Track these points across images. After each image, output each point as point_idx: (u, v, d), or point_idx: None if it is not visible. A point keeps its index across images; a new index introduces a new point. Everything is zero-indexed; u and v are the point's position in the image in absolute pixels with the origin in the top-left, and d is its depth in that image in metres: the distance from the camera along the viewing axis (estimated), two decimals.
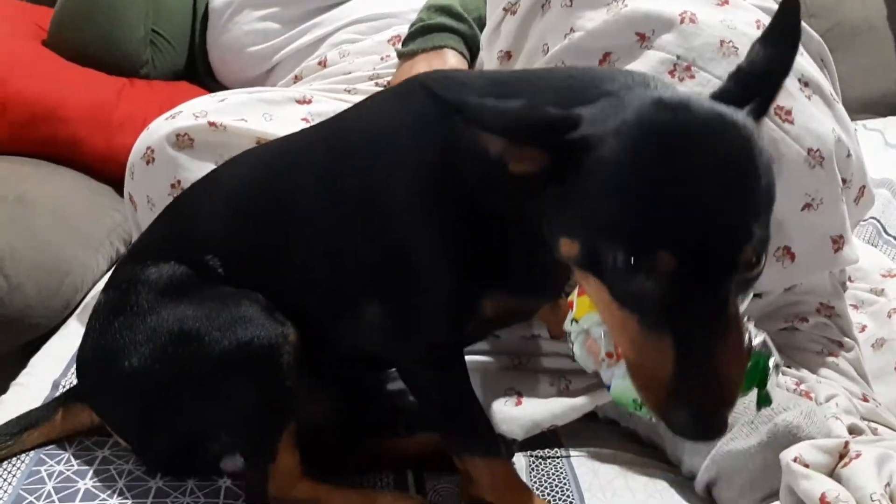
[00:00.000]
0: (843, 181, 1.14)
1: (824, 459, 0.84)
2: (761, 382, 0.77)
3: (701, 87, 1.06)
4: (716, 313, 0.64)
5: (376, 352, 0.94)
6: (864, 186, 1.19)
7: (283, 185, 0.94)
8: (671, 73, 1.07)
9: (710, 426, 0.64)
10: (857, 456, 0.84)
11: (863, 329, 1.30)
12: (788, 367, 1.07)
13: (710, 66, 1.06)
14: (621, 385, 0.73)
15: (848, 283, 1.41)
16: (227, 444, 0.94)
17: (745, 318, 0.71)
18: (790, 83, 1.09)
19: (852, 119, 2.25)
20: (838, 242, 1.10)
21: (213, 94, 1.37)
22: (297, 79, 1.80)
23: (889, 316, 1.29)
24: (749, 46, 1.05)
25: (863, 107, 2.42)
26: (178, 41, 2.07)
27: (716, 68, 1.06)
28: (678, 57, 1.07)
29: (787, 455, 0.84)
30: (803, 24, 1.20)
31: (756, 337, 0.75)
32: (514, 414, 1.07)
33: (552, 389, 1.12)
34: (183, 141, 1.23)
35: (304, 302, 0.92)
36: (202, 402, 0.90)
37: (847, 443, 0.87)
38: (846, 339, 1.13)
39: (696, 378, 0.63)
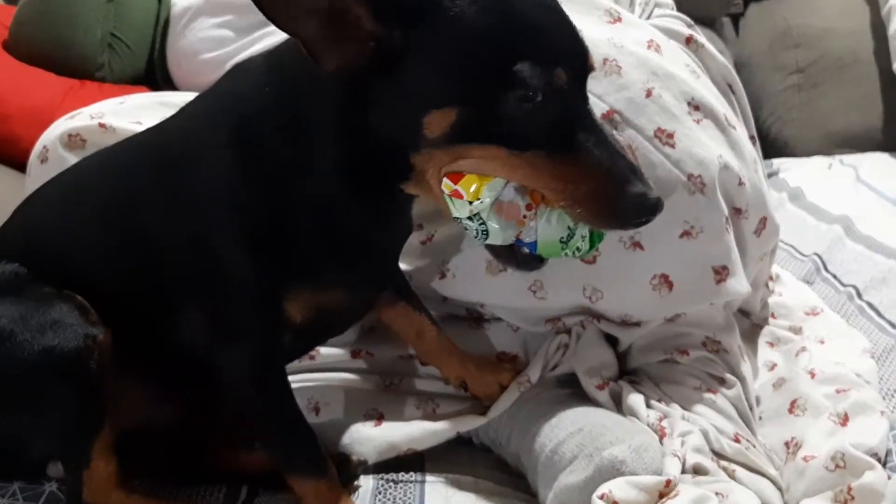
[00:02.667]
0: (737, 210, 1.09)
1: (639, 497, 0.80)
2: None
3: None
4: (593, 115, 0.75)
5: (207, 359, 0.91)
6: (765, 217, 1.14)
7: (110, 184, 0.93)
8: None
9: (653, 191, 0.73)
10: (675, 496, 0.79)
11: (772, 367, 1.25)
12: (659, 401, 1.02)
13: (589, 85, 1.02)
14: (548, 231, 0.76)
15: (770, 319, 1.36)
16: (47, 449, 0.91)
17: None
18: (676, 106, 1.04)
19: (831, 153, 2.26)
20: (721, 274, 1.05)
21: (119, 97, 1.36)
22: None
23: (797, 355, 1.23)
24: (636, 66, 1.03)
25: (844, 141, 2.36)
26: (137, 46, 2.08)
27: (596, 87, 1.02)
28: None
29: (598, 490, 0.79)
30: (709, 47, 1.18)
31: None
32: (370, 435, 1.04)
33: (417, 412, 1.08)
34: (75, 141, 1.22)
35: (133, 303, 0.90)
36: (15, 406, 0.87)
37: (669, 481, 0.82)
38: (729, 375, 1.07)
39: (620, 162, 0.72)
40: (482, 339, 1.15)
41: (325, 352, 1.12)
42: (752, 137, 1.22)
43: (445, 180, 0.74)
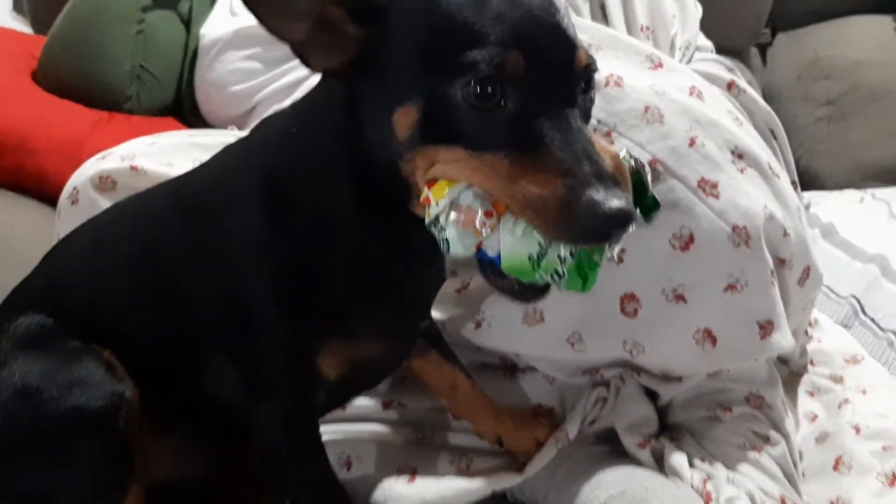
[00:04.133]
0: (781, 261, 1.06)
1: None
2: (644, 187, 0.73)
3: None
4: (572, 117, 0.66)
5: (238, 414, 0.89)
6: (808, 267, 1.11)
7: (139, 235, 0.92)
8: None
9: (619, 199, 0.62)
10: None
11: (813, 419, 1.21)
12: (702, 460, 0.99)
13: (631, 133, 1.00)
14: (511, 243, 0.66)
15: (809, 367, 1.32)
16: None
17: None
18: (720, 155, 1.02)
19: (862, 186, 2.22)
20: (766, 328, 1.02)
21: (150, 136, 1.35)
22: None
23: (839, 407, 1.20)
24: (679, 113, 1.01)
25: (875, 174, 2.32)
26: (166, 77, 2.07)
27: (637, 135, 1.00)
28: (598, 121, 1.01)
29: None
30: (751, 92, 1.15)
31: (622, 152, 0.72)
32: (402, 492, 1.01)
33: (451, 468, 1.05)
34: (106, 183, 1.20)
35: (163, 355, 0.89)
36: (43, 464, 0.85)
37: None
38: (773, 433, 1.04)
39: (586, 166, 0.63)
40: (516, 390, 1.12)
41: (356, 402, 1.10)
42: (793, 183, 1.19)
43: (424, 189, 0.70)
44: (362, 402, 1.10)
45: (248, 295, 0.81)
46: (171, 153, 1.24)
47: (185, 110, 2.08)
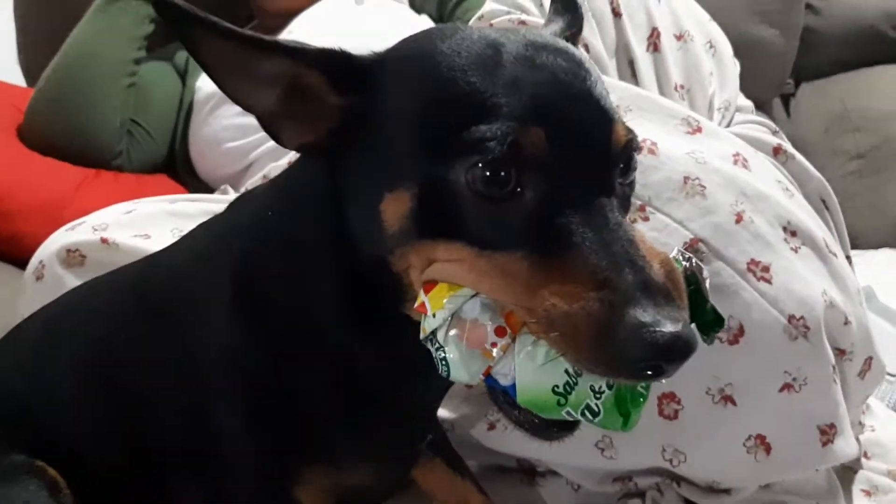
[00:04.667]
0: (841, 352, 0.92)
1: None
2: (702, 299, 0.57)
3: (657, 232, 0.86)
4: (609, 209, 0.53)
5: None
6: (870, 357, 0.97)
7: (91, 335, 0.79)
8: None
9: (675, 321, 0.47)
10: None
11: None
12: None
13: (668, 208, 0.87)
14: (530, 370, 0.51)
15: (863, 461, 1.17)
16: None
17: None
18: (771, 232, 0.88)
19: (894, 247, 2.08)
20: (828, 434, 0.88)
21: (127, 203, 1.23)
22: (265, 178, 1.67)
23: None
24: (723, 185, 0.88)
25: None
26: (159, 133, 1.96)
27: (676, 211, 0.87)
28: None
29: None
30: (800, 158, 1.02)
31: (674, 251, 0.58)
32: None
33: None
34: (73, 258, 1.08)
35: (118, 475, 0.76)
36: None
37: None
38: None
39: (629, 274, 0.49)
40: (536, 499, 0.98)
41: None
42: (847, 258, 1.05)
43: (420, 293, 0.57)
44: None
45: (215, 411, 0.69)
46: (147, 223, 1.12)
47: (179, 167, 1.97)
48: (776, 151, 1.01)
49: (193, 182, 1.93)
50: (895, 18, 2.40)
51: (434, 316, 0.54)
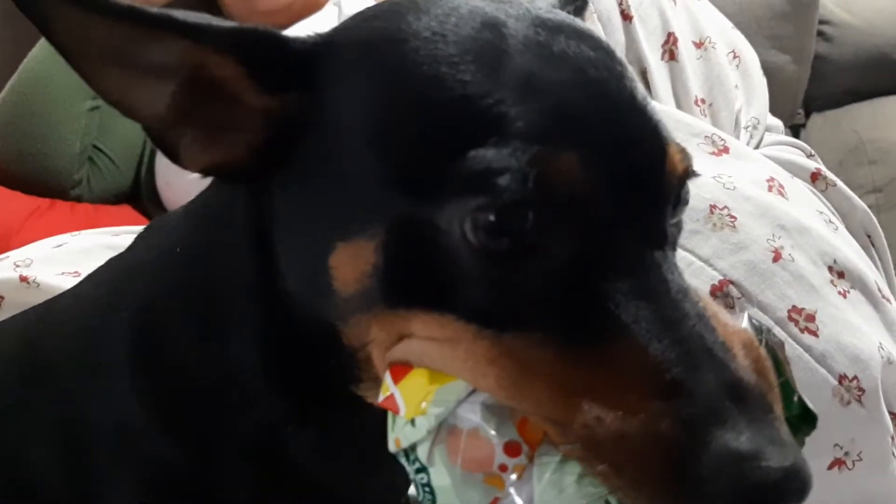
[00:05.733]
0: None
1: None
2: (788, 387, 0.41)
3: None
4: (666, 268, 0.37)
5: None
6: None
7: None
8: None
9: (786, 451, 0.33)
10: None
11: None
12: None
13: (691, 243, 0.73)
14: (557, 501, 0.35)
15: None
16: None
17: None
18: (815, 273, 0.73)
19: None
20: None
21: (63, 235, 1.08)
22: None
23: None
24: (757, 216, 0.73)
25: None
26: (123, 160, 1.83)
27: (701, 246, 0.72)
28: None
29: None
30: (842, 186, 0.88)
31: (744, 322, 0.42)
32: None
33: None
34: None
35: None
36: None
37: None
38: None
39: (708, 373, 0.34)
40: None
41: None
42: None
43: (386, 377, 0.41)
44: None
45: None
46: (79, 259, 0.97)
47: (144, 197, 1.83)
48: (814, 177, 0.87)
49: (159, 213, 1.79)
50: None
51: (412, 423, 0.38)
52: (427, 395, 0.37)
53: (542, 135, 0.35)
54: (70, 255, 0.99)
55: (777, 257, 0.73)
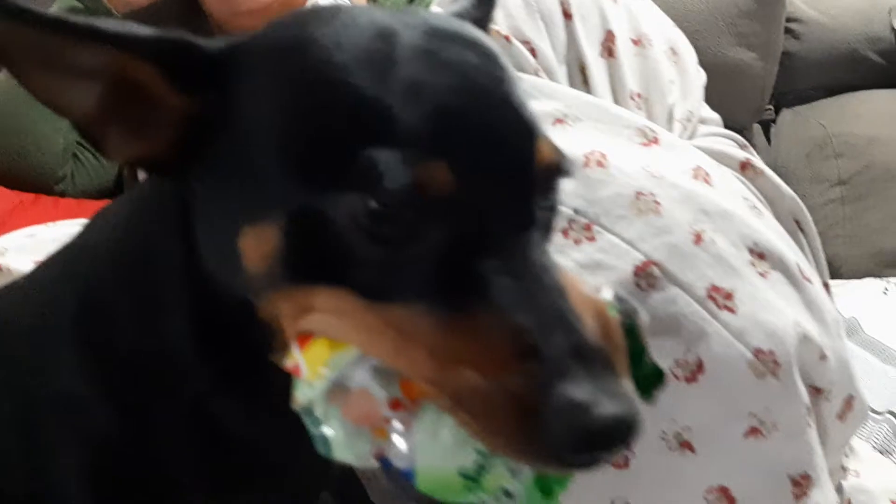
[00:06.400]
0: (817, 391, 0.82)
1: None
2: (639, 349, 0.47)
3: (604, 253, 0.76)
4: (531, 248, 0.43)
5: None
6: (851, 397, 0.87)
7: None
8: (565, 231, 0.78)
9: (616, 400, 0.38)
10: None
11: None
12: None
13: (617, 226, 0.77)
14: (433, 451, 0.41)
15: None
16: None
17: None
18: (735, 254, 0.78)
19: (883, 275, 2.01)
20: (801, 486, 0.77)
21: (36, 226, 1.12)
22: None
23: None
24: (680, 201, 0.79)
25: None
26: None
27: (626, 229, 0.77)
28: (576, 211, 0.78)
29: None
30: (771, 174, 0.93)
31: (606, 293, 0.47)
32: None
33: None
34: None
35: None
36: None
37: None
38: None
39: (559, 336, 0.39)
40: None
41: None
42: (825, 285, 0.95)
43: (293, 346, 0.46)
44: None
45: (55, 477, 0.57)
46: (50, 248, 0.99)
47: (127, 192, 1.87)
48: (744, 167, 0.91)
49: None
50: (877, 42, 2.35)
51: (311, 384, 0.43)
52: (325, 361, 0.43)
53: (419, 138, 0.41)
54: (41, 244, 1.03)
55: (698, 240, 0.77)
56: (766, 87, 2.27)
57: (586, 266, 0.76)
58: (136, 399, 0.56)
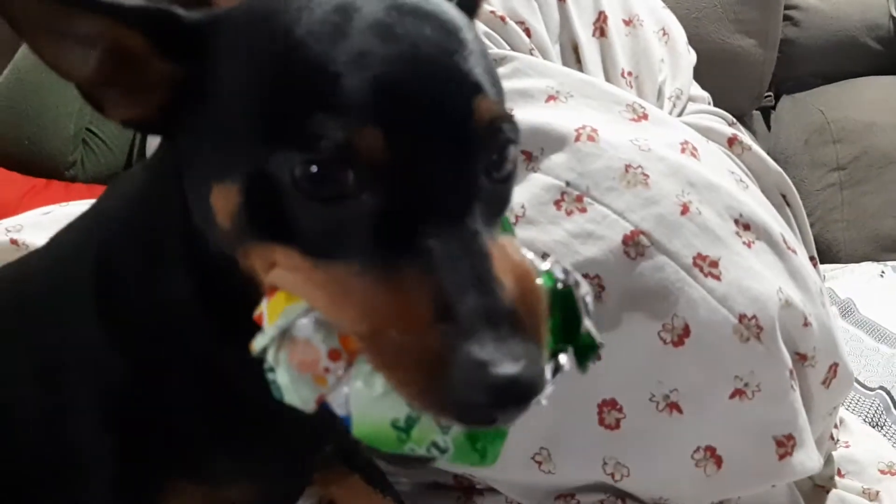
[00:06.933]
0: (802, 357, 0.85)
1: None
2: (574, 321, 0.49)
3: (595, 224, 0.79)
4: (465, 215, 0.44)
5: None
6: (836, 364, 0.90)
7: None
8: (557, 203, 0.81)
9: (514, 360, 0.40)
10: None
11: None
12: None
13: (607, 198, 0.80)
14: (367, 401, 0.44)
15: (836, 479, 1.09)
16: None
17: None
18: (720, 225, 0.81)
19: (880, 258, 2.03)
20: (785, 445, 0.80)
21: (50, 206, 1.16)
22: None
23: None
24: (668, 174, 0.82)
25: (894, 244, 2.14)
26: (115, 142, 1.90)
27: (615, 201, 0.80)
28: (568, 183, 0.81)
29: None
30: (758, 150, 0.96)
31: (546, 264, 0.49)
32: None
33: None
34: None
35: None
36: None
37: None
38: None
39: (471, 298, 0.41)
40: None
41: None
42: (812, 258, 0.98)
43: (263, 298, 0.49)
44: None
45: (76, 419, 0.61)
46: (64, 225, 1.04)
47: None
48: (731, 142, 0.94)
49: None
50: (875, 29, 2.37)
51: (265, 332, 0.47)
52: (279, 312, 0.46)
53: (359, 105, 0.43)
54: (56, 221, 1.06)
55: (685, 211, 0.81)
56: (766, 73, 2.28)
57: (578, 236, 0.79)
58: (149, 352, 0.60)
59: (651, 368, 0.79)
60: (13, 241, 1.00)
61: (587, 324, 0.49)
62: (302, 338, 0.45)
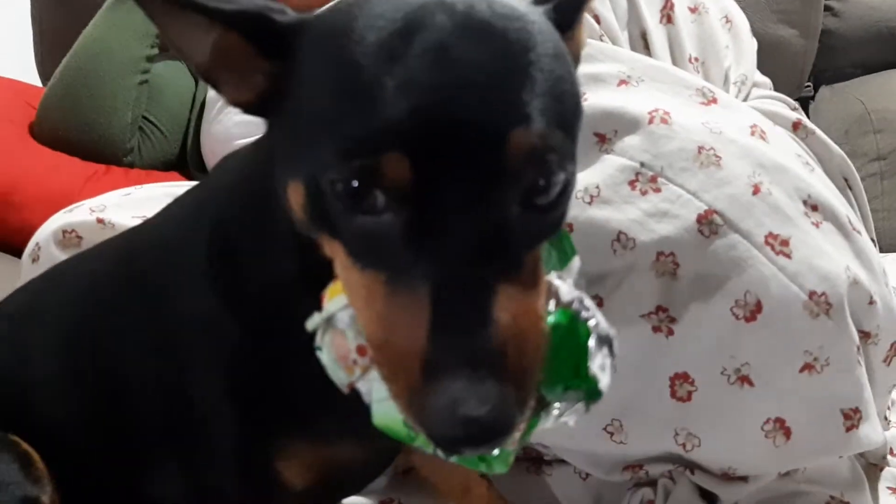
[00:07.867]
0: (866, 335, 0.87)
1: None
2: (579, 360, 0.50)
3: (669, 203, 0.82)
4: (478, 243, 0.45)
5: None
6: None
7: (73, 301, 0.77)
8: (632, 183, 0.84)
9: (480, 404, 0.42)
10: None
11: None
12: None
13: (681, 178, 0.83)
14: (385, 397, 0.48)
15: (889, 457, 1.12)
16: None
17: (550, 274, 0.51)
18: (790, 205, 0.84)
19: None
20: (852, 418, 0.83)
21: (128, 188, 1.21)
22: None
23: None
24: (739, 156, 0.84)
25: None
26: (171, 130, 1.95)
27: (689, 181, 0.83)
28: (642, 164, 0.84)
29: None
30: (821, 134, 0.98)
31: (567, 295, 0.50)
32: None
33: None
34: (70, 239, 1.05)
35: (96, 450, 0.73)
36: None
37: None
38: None
39: (457, 333, 0.44)
40: (543, 489, 0.93)
41: (347, 501, 0.91)
42: (872, 241, 1.00)
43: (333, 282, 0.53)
44: (354, 501, 0.91)
45: (192, 383, 0.66)
46: (146, 205, 1.09)
47: (191, 166, 1.95)
48: (796, 126, 0.97)
49: (185, 182, 1.91)
50: None
51: (318, 314, 0.52)
52: (332, 299, 0.51)
53: (392, 132, 0.45)
54: (139, 202, 1.11)
55: (756, 191, 0.83)
56: (806, 64, 2.29)
57: (653, 215, 0.82)
58: (263, 323, 0.64)
59: (723, 343, 0.81)
60: (99, 220, 1.05)
61: (594, 366, 0.49)
62: (339, 329, 0.50)
